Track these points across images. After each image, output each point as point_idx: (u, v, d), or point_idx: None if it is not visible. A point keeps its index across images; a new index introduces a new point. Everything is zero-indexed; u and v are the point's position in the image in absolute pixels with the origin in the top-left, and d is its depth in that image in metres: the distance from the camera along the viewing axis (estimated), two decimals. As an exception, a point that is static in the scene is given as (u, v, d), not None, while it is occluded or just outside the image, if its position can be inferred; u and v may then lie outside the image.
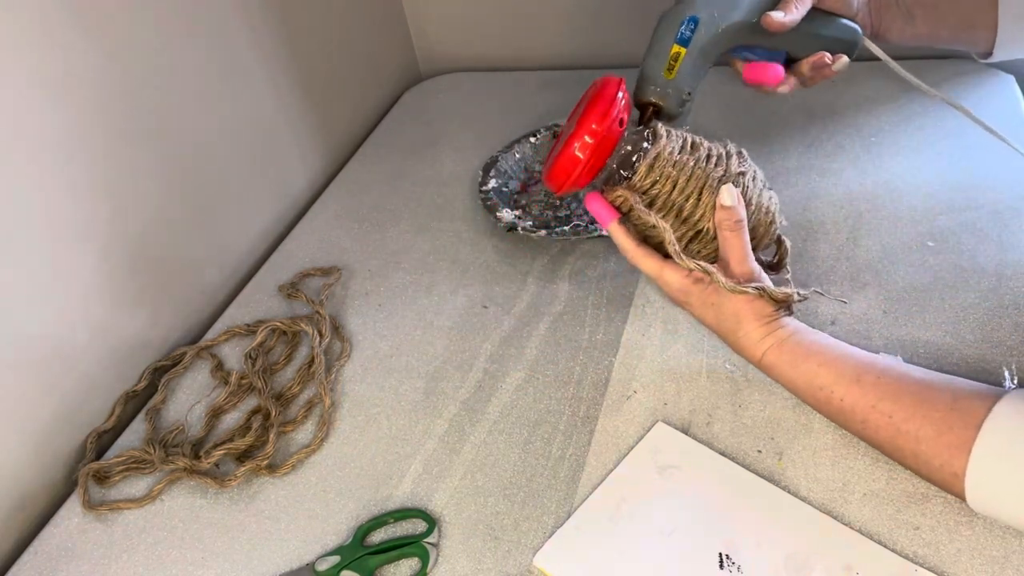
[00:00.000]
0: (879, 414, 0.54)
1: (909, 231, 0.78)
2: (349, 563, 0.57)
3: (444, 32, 1.26)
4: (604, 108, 0.60)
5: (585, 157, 0.60)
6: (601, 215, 0.63)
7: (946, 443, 0.50)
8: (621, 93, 0.61)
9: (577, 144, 0.60)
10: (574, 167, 0.61)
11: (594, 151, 0.60)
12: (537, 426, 0.66)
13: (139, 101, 0.75)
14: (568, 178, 0.62)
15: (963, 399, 0.51)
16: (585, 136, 0.60)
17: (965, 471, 0.49)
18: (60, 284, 0.69)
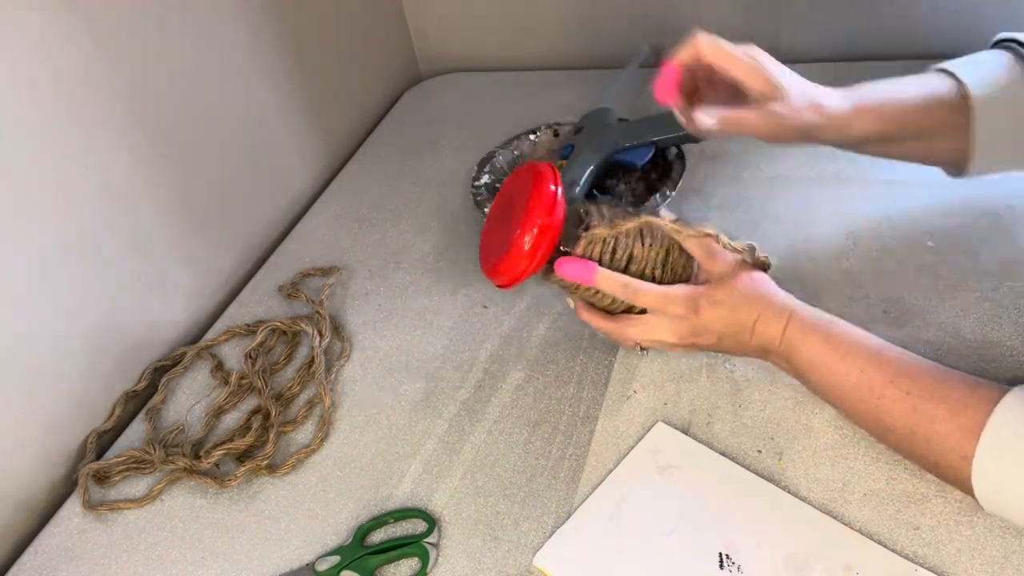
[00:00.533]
0: (897, 389, 0.53)
1: (909, 231, 0.78)
2: (349, 563, 0.57)
3: (444, 32, 1.26)
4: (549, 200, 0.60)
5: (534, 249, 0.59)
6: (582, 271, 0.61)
7: (959, 425, 0.50)
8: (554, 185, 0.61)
9: (527, 237, 0.59)
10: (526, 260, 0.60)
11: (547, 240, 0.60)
12: (537, 426, 0.66)
13: (138, 102, 0.75)
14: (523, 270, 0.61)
15: (981, 386, 0.51)
16: (534, 229, 0.59)
17: (975, 455, 0.49)
18: (60, 284, 0.69)
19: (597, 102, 0.99)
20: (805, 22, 1.09)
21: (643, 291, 0.61)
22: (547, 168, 0.62)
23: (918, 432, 0.52)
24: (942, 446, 0.51)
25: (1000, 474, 0.49)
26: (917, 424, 0.52)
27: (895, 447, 0.56)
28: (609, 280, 0.61)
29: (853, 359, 0.56)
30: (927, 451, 0.53)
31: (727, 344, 0.62)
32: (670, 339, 0.62)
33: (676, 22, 1.14)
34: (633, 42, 1.15)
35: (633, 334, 0.63)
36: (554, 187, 0.61)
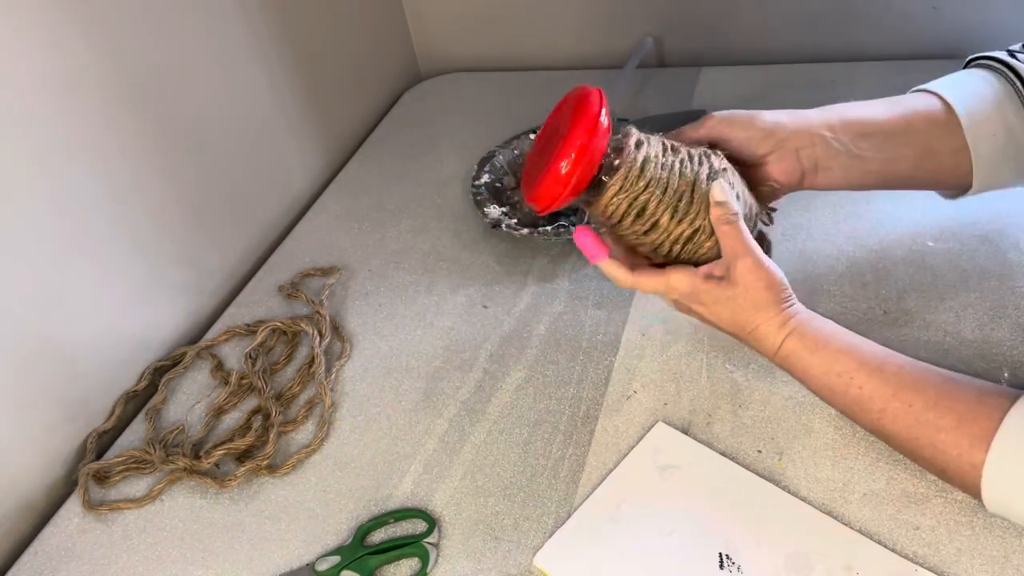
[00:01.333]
0: (899, 403, 0.53)
1: (909, 231, 0.78)
2: (349, 563, 0.57)
3: (444, 32, 1.26)
4: (590, 124, 0.58)
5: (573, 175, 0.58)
6: (591, 250, 0.61)
7: (967, 432, 0.50)
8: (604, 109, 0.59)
9: (564, 163, 0.58)
10: (562, 186, 0.59)
11: (583, 169, 0.58)
12: (537, 426, 0.66)
13: (139, 102, 0.75)
14: (555, 198, 0.59)
15: (989, 394, 0.51)
16: (572, 153, 0.58)
17: (984, 462, 0.49)
18: (59, 284, 0.69)
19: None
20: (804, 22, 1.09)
21: (644, 280, 0.61)
22: (595, 92, 0.60)
23: (922, 440, 0.52)
24: (949, 454, 0.51)
25: (1011, 482, 0.49)
26: (922, 434, 0.52)
27: (902, 453, 0.56)
28: (613, 268, 0.61)
29: (852, 376, 0.55)
30: (933, 457, 0.52)
31: (726, 331, 0.62)
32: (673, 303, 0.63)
33: (676, 22, 1.15)
34: (633, 42, 1.15)
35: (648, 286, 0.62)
36: (598, 111, 0.58)
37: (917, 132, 0.65)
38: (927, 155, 0.65)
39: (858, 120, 0.65)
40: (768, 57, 1.12)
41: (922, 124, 0.65)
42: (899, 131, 0.65)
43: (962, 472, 0.51)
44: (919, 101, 0.66)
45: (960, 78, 0.67)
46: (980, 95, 0.65)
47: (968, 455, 0.50)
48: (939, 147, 0.65)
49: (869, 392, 0.54)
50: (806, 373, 0.58)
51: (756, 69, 1.10)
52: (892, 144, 0.65)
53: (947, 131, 0.64)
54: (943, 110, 0.64)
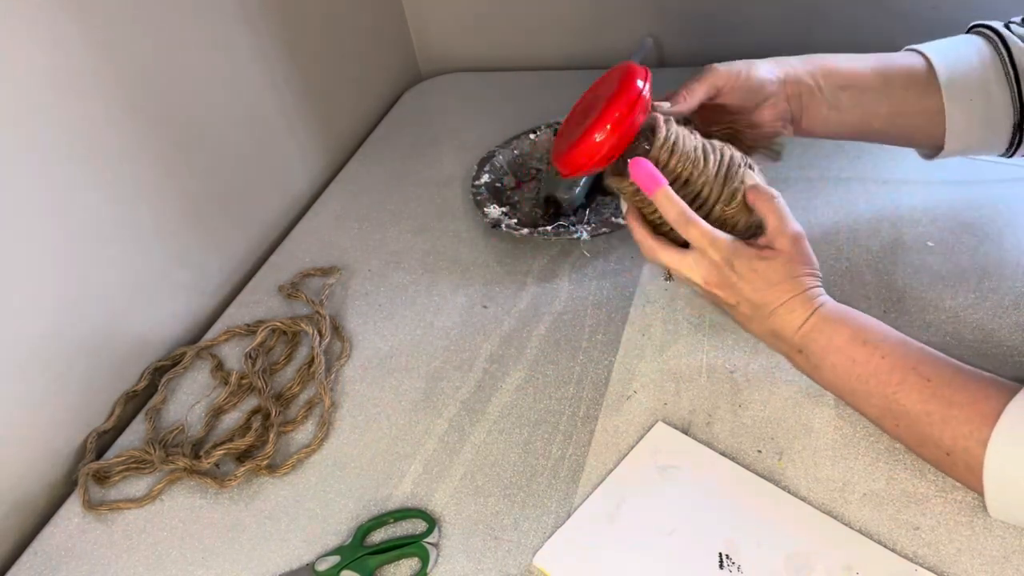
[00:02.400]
0: (918, 376, 0.53)
1: (909, 231, 0.78)
2: (349, 563, 0.57)
3: (444, 32, 1.26)
4: (631, 99, 0.60)
5: (607, 145, 0.60)
6: (650, 179, 0.60)
7: (980, 410, 0.50)
8: (647, 84, 0.61)
9: (599, 132, 0.59)
10: (595, 153, 0.60)
11: (616, 140, 0.60)
12: (537, 426, 0.66)
13: (139, 102, 0.75)
14: (585, 164, 0.61)
15: (1000, 380, 0.52)
16: (608, 124, 0.59)
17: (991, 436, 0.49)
18: (60, 284, 0.69)
19: (597, 102, 0.99)
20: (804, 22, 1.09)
21: (694, 224, 0.60)
22: (641, 69, 0.62)
23: (935, 415, 0.52)
24: (959, 430, 0.51)
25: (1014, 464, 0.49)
26: (935, 408, 0.52)
27: (906, 435, 0.55)
28: (669, 201, 0.60)
29: (876, 345, 0.56)
30: (942, 434, 0.52)
31: (744, 311, 0.61)
32: (697, 279, 0.61)
33: (676, 22, 1.15)
34: (632, 42, 1.15)
35: (666, 258, 0.62)
36: (642, 86, 0.61)
37: (895, 89, 0.68)
38: (902, 112, 0.69)
39: (839, 71, 0.69)
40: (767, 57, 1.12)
41: (901, 82, 0.68)
42: (877, 87, 0.68)
43: (968, 453, 0.51)
44: (903, 59, 0.69)
45: (951, 43, 0.70)
46: (966, 60, 0.67)
47: (978, 432, 0.50)
48: (915, 106, 0.68)
49: (891, 362, 0.55)
50: (829, 342, 0.57)
51: (756, 69, 1.10)
52: (868, 99, 0.68)
53: (925, 92, 0.67)
54: (925, 70, 0.67)
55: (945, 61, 0.67)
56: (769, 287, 0.59)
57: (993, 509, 0.52)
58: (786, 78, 0.68)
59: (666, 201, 0.60)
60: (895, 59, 0.69)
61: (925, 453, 0.55)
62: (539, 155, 0.98)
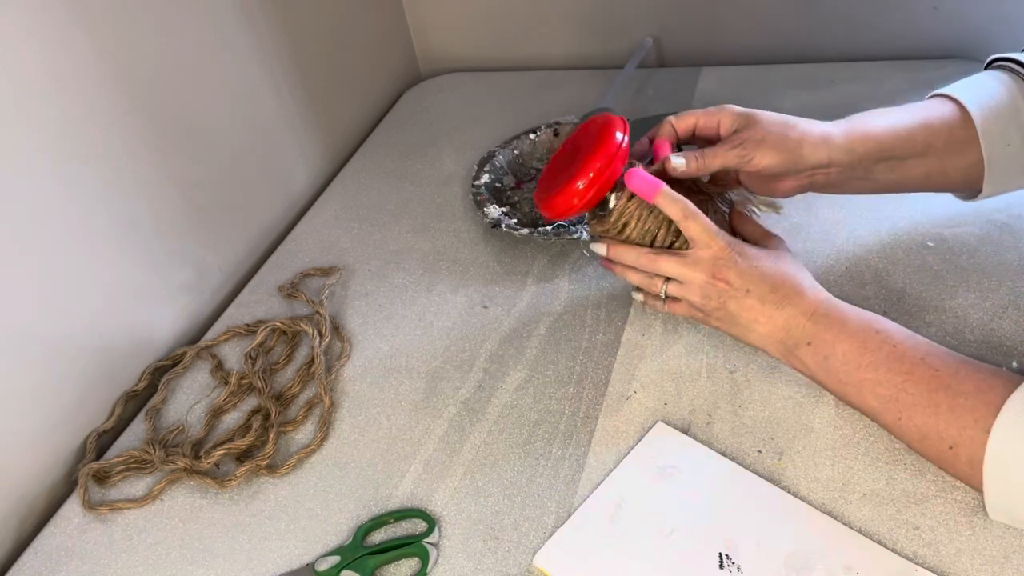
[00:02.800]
0: (927, 366, 0.54)
1: (909, 231, 0.78)
2: (349, 563, 0.57)
3: (444, 32, 1.26)
4: (611, 151, 0.64)
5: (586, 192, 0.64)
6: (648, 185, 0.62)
7: (984, 400, 0.51)
8: (623, 135, 0.65)
9: (582, 181, 0.63)
10: (576, 201, 0.64)
11: (597, 189, 0.64)
12: (537, 426, 0.66)
13: (139, 102, 0.75)
14: (567, 211, 0.65)
15: (1005, 372, 0.53)
16: (590, 173, 0.63)
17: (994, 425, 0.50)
18: (60, 284, 0.69)
19: (597, 102, 0.99)
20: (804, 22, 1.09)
21: (696, 218, 0.62)
22: (619, 121, 0.66)
23: (942, 404, 0.53)
24: (965, 419, 0.51)
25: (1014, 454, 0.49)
26: (943, 398, 0.53)
27: (907, 428, 0.55)
28: (670, 200, 0.62)
29: (888, 334, 0.57)
30: (948, 425, 0.52)
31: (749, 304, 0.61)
32: (702, 276, 0.62)
33: (676, 22, 1.15)
34: (632, 42, 1.15)
35: (667, 265, 0.63)
36: (621, 139, 0.64)
37: (935, 152, 0.65)
38: (940, 172, 0.66)
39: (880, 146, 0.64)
40: (768, 57, 1.12)
41: (942, 144, 0.65)
42: (917, 154, 0.65)
43: (973, 444, 0.51)
44: (940, 114, 0.65)
45: (981, 85, 0.66)
46: (998, 101, 0.65)
47: (984, 421, 0.50)
48: (954, 164, 0.66)
49: (902, 352, 0.56)
50: (841, 328, 0.58)
51: (756, 69, 1.10)
52: (906, 166, 0.66)
53: (966, 148, 0.65)
54: (961, 123, 0.64)
55: (980, 108, 0.64)
56: (778, 271, 0.61)
57: (991, 505, 0.52)
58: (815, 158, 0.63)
59: (670, 199, 0.62)
60: (934, 116, 0.65)
61: (927, 447, 0.55)
62: (539, 155, 0.98)
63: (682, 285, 0.64)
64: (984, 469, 0.50)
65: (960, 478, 0.54)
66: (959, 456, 0.52)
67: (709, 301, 0.63)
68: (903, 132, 0.64)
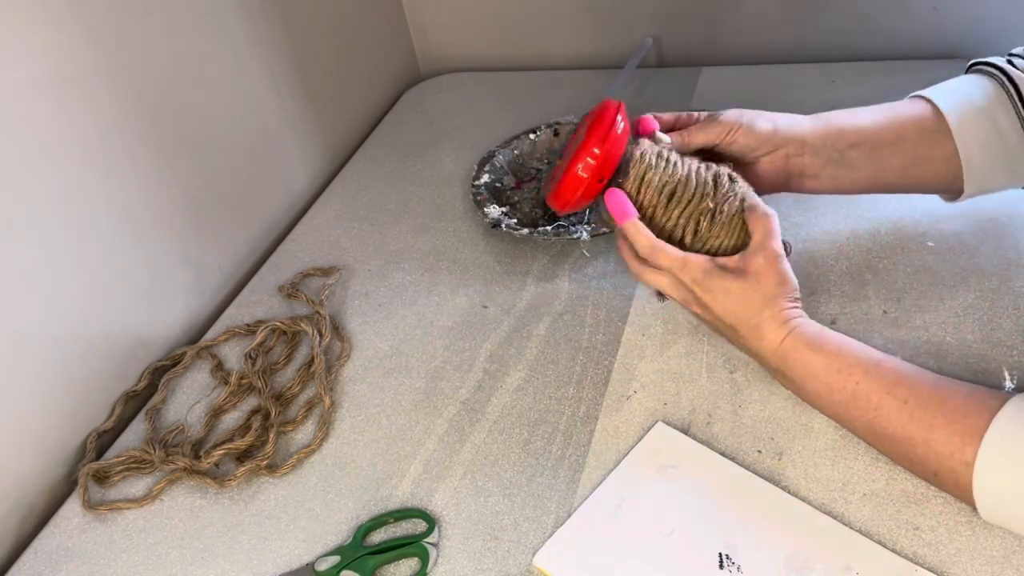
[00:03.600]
0: (894, 399, 0.54)
1: (909, 231, 0.78)
2: (349, 563, 0.57)
3: (444, 32, 1.26)
4: (604, 132, 0.64)
5: (588, 177, 0.64)
6: (621, 210, 0.63)
7: (959, 430, 0.50)
8: (620, 116, 0.65)
9: (580, 165, 0.64)
10: (578, 187, 0.64)
11: (596, 171, 0.64)
12: (537, 426, 0.66)
13: (139, 102, 0.75)
14: (572, 197, 0.65)
15: (979, 393, 0.52)
16: (587, 158, 0.63)
17: (975, 459, 0.49)
18: (60, 284, 0.69)
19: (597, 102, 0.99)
20: (804, 22, 1.09)
21: (662, 251, 0.62)
22: (613, 104, 0.66)
23: (916, 438, 0.53)
24: (941, 452, 0.51)
25: (1002, 482, 0.49)
26: (915, 431, 0.53)
27: (894, 456, 0.56)
28: (637, 233, 0.63)
29: (850, 372, 0.56)
30: (926, 457, 0.53)
31: (722, 329, 0.64)
32: (677, 297, 0.64)
33: (676, 22, 1.15)
34: (632, 41, 1.15)
35: (648, 278, 0.65)
36: (616, 120, 0.64)
37: (907, 141, 0.67)
38: (917, 163, 0.68)
39: (849, 129, 0.68)
40: (768, 57, 1.12)
41: (913, 133, 0.67)
42: (889, 141, 0.67)
43: (955, 473, 0.51)
44: (910, 108, 0.68)
45: (954, 84, 0.69)
46: (972, 102, 0.66)
47: (960, 453, 0.50)
48: (929, 155, 0.67)
49: (866, 388, 0.55)
50: (805, 369, 0.58)
51: (756, 69, 1.10)
52: (881, 154, 0.68)
53: (938, 139, 0.66)
54: (934, 117, 0.66)
55: (953, 106, 0.66)
56: (742, 307, 0.61)
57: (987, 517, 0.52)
58: (789, 135, 0.67)
59: (635, 232, 0.63)
60: (903, 109, 0.68)
61: (915, 471, 0.56)
62: (539, 155, 0.98)
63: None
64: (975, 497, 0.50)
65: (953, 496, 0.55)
66: (945, 482, 0.53)
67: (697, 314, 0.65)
68: (871, 120, 0.68)
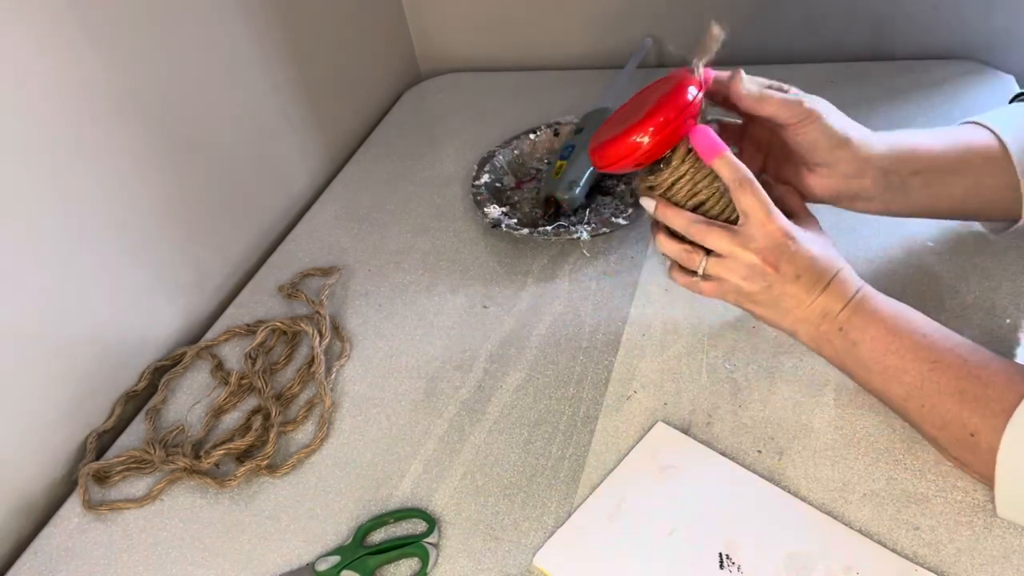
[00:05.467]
0: (955, 356, 0.54)
1: (909, 232, 0.78)
2: (349, 563, 0.57)
3: (444, 32, 1.26)
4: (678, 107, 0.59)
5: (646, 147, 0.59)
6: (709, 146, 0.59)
7: (1016, 391, 0.51)
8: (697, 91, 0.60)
9: (639, 133, 0.59)
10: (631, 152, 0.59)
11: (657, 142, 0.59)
12: (537, 426, 0.66)
13: (139, 102, 0.75)
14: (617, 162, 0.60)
15: None
16: (651, 128, 0.58)
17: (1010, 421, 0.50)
18: (60, 284, 0.69)
19: (597, 102, 0.99)
20: (805, 22, 1.09)
21: (754, 187, 0.58)
22: (687, 78, 0.61)
23: (968, 392, 0.53)
24: (991, 407, 0.51)
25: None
26: (969, 386, 0.53)
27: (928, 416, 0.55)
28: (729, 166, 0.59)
29: (917, 325, 0.57)
30: (972, 413, 0.52)
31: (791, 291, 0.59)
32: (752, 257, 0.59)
33: (676, 22, 1.15)
34: (632, 41, 1.15)
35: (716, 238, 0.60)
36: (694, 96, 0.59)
37: (970, 169, 0.64)
38: (975, 191, 0.65)
39: (916, 155, 0.64)
40: (768, 57, 1.12)
41: (977, 161, 0.64)
42: (952, 168, 0.64)
43: (995, 432, 0.51)
44: (974, 136, 0.65)
45: (1011, 112, 0.68)
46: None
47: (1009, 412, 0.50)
48: (988, 184, 0.65)
49: (932, 341, 0.56)
50: (874, 317, 0.58)
51: (756, 69, 1.09)
52: (944, 182, 0.65)
53: (999, 168, 0.64)
54: (998, 147, 0.64)
55: (1012, 134, 0.64)
56: (826, 258, 0.60)
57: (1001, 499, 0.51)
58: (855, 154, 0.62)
59: (728, 164, 0.59)
60: (965, 136, 0.66)
61: (946, 434, 0.54)
62: (539, 155, 0.98)
63: (724, 262, 0.60)
64: (998, 461, 0.50)
65: (974, 468, 0.54)
66: (979, 443, 0.52)
67: (752, 284, 0.60)
68: (939, 147, 0.64)
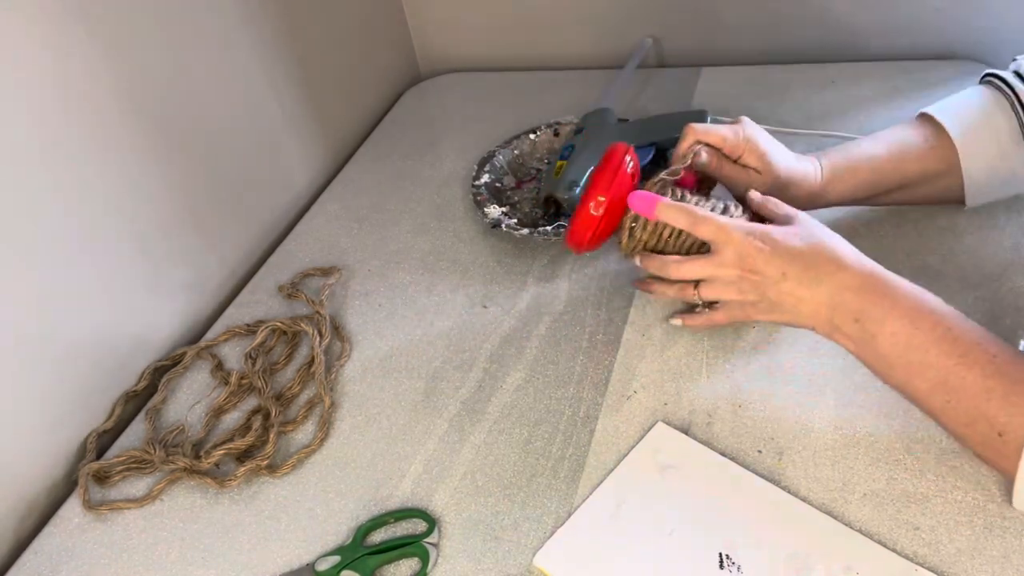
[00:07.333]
0: (982, 351, 0.52)
1: (909, 231, 0.78)
2: (349, 563, 0.57)
3: (444, 32, 1.26)
4: (611, 175, 0.66)
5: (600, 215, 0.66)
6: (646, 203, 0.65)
7: None
8: (629, 158, 0.68)
9: (592, 204, 0.66)
10: (591, 225, 0.67)
11: (607, 209, 0.66)
12: (537, 426, 0.66)
13: (139, 102, 0.75)
14: (586, 235, 0.67)
15: None
16: (598, 196, 0.66)
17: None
18: (60, 284, 0.69)
19: (597, 102, 0.99)
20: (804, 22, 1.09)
21: (706, 220, 0.62)
22: (620, 147, 0.69)
23: (996, 391, 0.51)
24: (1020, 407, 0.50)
25: None
26: (997, 384, 0.51)
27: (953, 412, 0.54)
28: (673, 210, 0.63)
29: (940, 316, 0.54)
30: (999, 412, 0.51)
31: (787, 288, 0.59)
32: (732, 271, 0.61)
33: (676, 22, 1.15)
34: (632, 41, 1.15)
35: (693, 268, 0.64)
36: (625, 163, 0.67)
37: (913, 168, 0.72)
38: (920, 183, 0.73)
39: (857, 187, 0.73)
40: (768, 57, 1.12)
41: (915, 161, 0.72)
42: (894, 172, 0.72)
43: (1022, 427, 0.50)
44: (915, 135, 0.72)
45: (961, 101, 0.72)
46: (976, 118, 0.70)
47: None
48: (932, 175, 0.72)
49: (957, 335, 0.53)
50: (893, 303, 0.56)
51: (756, 69, 1.10)
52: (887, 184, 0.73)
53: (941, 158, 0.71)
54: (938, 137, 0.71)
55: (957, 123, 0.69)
56: (810, 247, 0.59)
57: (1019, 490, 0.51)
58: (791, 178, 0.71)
59: (670, 211, 0.64)
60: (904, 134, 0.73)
61: (973, 432, 0.53)
62: (539, 155, 0.98)
63: (712, 285, 0.64)
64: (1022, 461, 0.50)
65: (1000, 466, 0.53)
66: (1008, 443, 0.51)
67: (746, 295, 0.62)
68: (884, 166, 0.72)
